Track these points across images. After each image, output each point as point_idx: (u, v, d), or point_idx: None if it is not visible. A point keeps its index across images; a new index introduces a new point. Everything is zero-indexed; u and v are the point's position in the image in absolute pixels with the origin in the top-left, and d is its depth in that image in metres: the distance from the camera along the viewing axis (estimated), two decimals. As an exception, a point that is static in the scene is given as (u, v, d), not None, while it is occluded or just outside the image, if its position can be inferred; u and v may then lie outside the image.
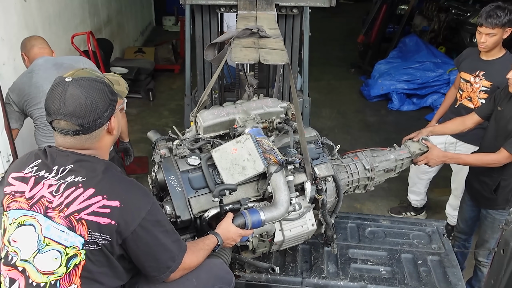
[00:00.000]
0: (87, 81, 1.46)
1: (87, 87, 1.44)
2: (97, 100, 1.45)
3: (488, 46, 2.95)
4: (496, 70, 2.95)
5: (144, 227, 1.44)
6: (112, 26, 6.78)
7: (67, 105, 1.42)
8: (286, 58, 1.82)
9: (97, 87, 1.47)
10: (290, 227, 2.05)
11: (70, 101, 1.42)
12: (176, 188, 1.89)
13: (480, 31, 2.93)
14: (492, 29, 2.86)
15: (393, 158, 2.48)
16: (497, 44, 2.96)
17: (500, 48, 3.02)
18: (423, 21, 7.18)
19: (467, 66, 3.18)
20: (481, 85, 3.06)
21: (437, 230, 2.66)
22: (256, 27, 2.04)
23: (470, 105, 3.15)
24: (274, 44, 1.95)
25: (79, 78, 1.47)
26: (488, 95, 3.00)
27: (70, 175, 1.45)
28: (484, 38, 2.92)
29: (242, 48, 1.88)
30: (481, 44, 2.97)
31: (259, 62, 1.85)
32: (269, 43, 1.96)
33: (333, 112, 6.10)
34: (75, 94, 1.42)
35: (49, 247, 1.42)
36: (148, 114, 5.97)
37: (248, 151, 1.92)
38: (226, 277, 1.79)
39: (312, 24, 3.42)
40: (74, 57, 2.98)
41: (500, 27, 2.85)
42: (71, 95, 1.42)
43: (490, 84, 3.01)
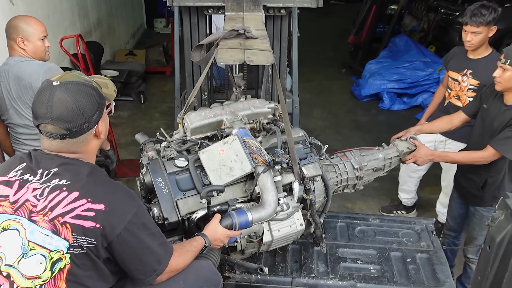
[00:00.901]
0: (75, 85, 1.46)
1: (74, 91, 1.44)
2: (85, 105, 1.45)
3: (474, 45, 2.98)
4: (483, 68, 2.98)
5: (130, 230, 1.44)
6: (103, 28, 6.76)
7: (54, 110, 1.41)
8: (271, 59, 1.82)
9: (84, 91, 1.46)
10: (278, 227, 2.05)
11: (57, 105, 1.41)
12: (163, 190, 1.89)
13: (466, 29, 2.96)
14: (477, 27, 2.89)
15: (381, 157, 2.50)
16: (483, 43, 2.99)
17: (487, 46, 3.05)
18: (413, 20, 7.24)
19: (455, 65, 3.21)
20: (469, 84, 3.09)
21: (426, 228, 2.67)
22: (243, 28, 2.05)
23: (458, 104, 3.18)
24: (260, 44, 1.96)
25: (67, 82, 1.46)
26: (476, 93, 3.03)
27: (55, 178, 1.44)
28: (470, 36, 2.95)
29: (228, 49, 1.89)
30: (467, 42, 3.00)
31: (249, 63, 1.86)
32: (255, 44, 1.97)
33: (325, 112, 6.12)
34: (62, 99, 1.42)
35: (34, 252, 1.41)
36: (139, 117, 5.95)
37: (235, 152, 1.92)
38: (214, 279, 1.79)
39: (303, 25, 3.44)
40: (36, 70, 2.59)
41: (485, 25, 2.88)
42: (58, 100, 1.41)
43: (478, 82, 3.04)
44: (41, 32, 2.68)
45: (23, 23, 2.64)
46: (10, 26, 2.65)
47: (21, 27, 2.62)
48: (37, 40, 2.67)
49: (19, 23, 2.64)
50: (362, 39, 7.17)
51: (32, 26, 2.66)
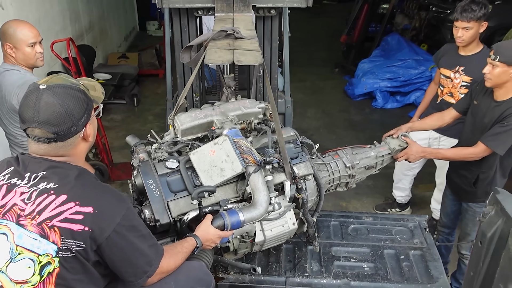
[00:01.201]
0: (62, 88, 1.45)
1: (61, 94, 1.43)
2: (72, 108, 1.44)
3: (465, 41, 3.00)
4: (475, 65, 2.97)
5: (119, 232, 1.43)
6: (95, 32, 6.74)
7: (41, 113, 1.40)
8: (260, 59, 1.83)
9: (72, 94, 1.45)
10: (271, 227, 2.05)
11: (44, 109, 1.40)
12: (155, 192, 1.89)
13: (457, 25, 2.97)
14: (467, 23, 2.90)
15: (373, 155, 2.51)
16: (474, 38, 3.00)
17: (478, 43, 3.07)
18: (404, 19, 7.26)
19: (446, 62, 3.22)
20: (461, 80, 3.10)
21: (419, 225, 2.68)
22: (232, 29, 2.05)
23: (451, 101, 3.19)
24: (249, 45, 1.96)
25: (54, 85, 1.45)
26: (468, 89, 3.03)
27: (42, 182, 1.44)
28: (461, 32, 2.96)
29: (217, 49, 1.89)
30: (458, 38, 3.01)
31: (237, 64, 1.86)
32: (244, 44, 1.97)
33: (318, 112, 6.13)
34: (49, 102, 1.41)
35: (22, 256, 1.40)
36: (132, 120, 5.94)
37: (226, 153, 1.92)
38: (205, 279, 1.79)
39: (295, 25, 3.44)
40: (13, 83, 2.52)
41: (476, 21, 2.90)
42: (45, 103, 1.40)
43: (470, 79, 3.06)
44: (29, 38, 2.55)
45: (11, 29, 2.53)
46: (0, 33, 2.56)
47: (9, 34, 2.52)
48: (25, 46, 2.54)
49: (8, 29, 2.53)
50: (355, 38, 7.19)
51: (20, 32, 2.53)
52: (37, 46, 2.60)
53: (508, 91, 2.47)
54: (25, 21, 2.66)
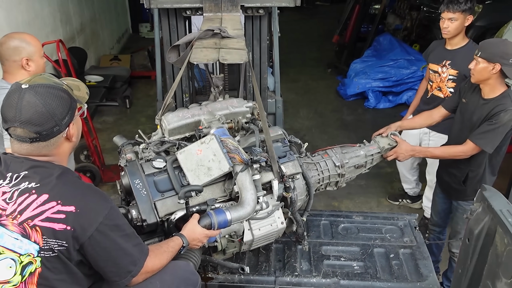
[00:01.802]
0: (44, 88, 1.44)
1: (44, 94, 1.42)
2: (55, 108, 1.43)
3: (450, 32, 3.08)
4: (461, 58, 3.06)
5: (102, 231, 1.42)
6: (86, 34, 6.71)
7: (23, 113, 1.39)
8: (245, 57, 1.83)
9: (54, 94, 1.44)
10: (259, 226, 2.05)
11: (26, 108, 1.39)
12: (142, 191, 1.88)
13: (443, 17, 3.08)
14: (453, 14, 3.00)
15: (363, 154, 2.51)
16: (459, 31, 3.09)
17: (464, 37, 3.16)
18: (396, 19, 7.29)
19: (434, 57, 3.29)
20: (448, 74, 3.17)
21: (409, 223, 2.69)
22: (219, 28, 2.05)
23: (440, 95, 3.26)
24: (235, 44, 1.96)
25: (36, 85, 1.44)
26: (455, 83, 3.13)
27: (24, 181, 1.43)
28: (447, 23, 3.06)
29: (202, 48, 1.88)
30: (444, 30, 3.10)
31: (222, 62, 1.86)
32: (230, 43, 1.97)
33: (311, 112, 6.13)
34: (31, 102, 1.40)
35: (3, 256, 1.39)
36: (125, 122, 5.92)
37: (213, 152, 1.92)
38: (191, 278, 1.78)
39: (288, 26, 3.45)
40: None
41: (461, 13, 3.00)
42: (27, 103, 1.39)
43: (457, 72, 3.12)
44: (41, 49, 2.45)
45: (24, 42, 2.37)
46: (9, 48, 2.36)
47: (22, 47, 2.35)
48: (39, 58, 2.43)
49: (21, 43, 2.36)
50: (347, 38, 7.20)
51: (34, 44, 2.40)
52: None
53: (494, 88, 2.48)
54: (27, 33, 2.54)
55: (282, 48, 3.57)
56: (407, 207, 4.16)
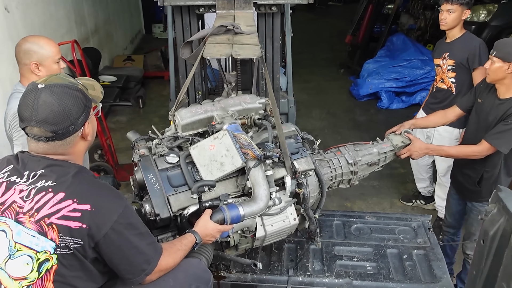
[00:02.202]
0: (60, 88, 1.45)
1: (59, 93, 1.44)
2: (70, 107, 1.45)
3: (447, 24, 3.20)
4: (457, 47, 3.24)
5: (116, 230, 1.44)
6: (100, 35, 6.79)
7: (39, 112, 1.41)
8: (258, 52, 1.83)
9: (70, 94, 1.46)
10: (271, 222, 2.04)
11: (42, 108, 1.41)
12: (155, 186, 1.89)
13: (442, 8, 3.20)
14: (451, 5, 3.13)
15: (376, 152, 2.49)
16: (456, 23, 3.20)
17: (461, 29, 3.27)
18: (410, 19, 7.23)
19: (437, 52, 3.45)
20: (448, 65, 3.30)
21: (422, 224, 2.66)
22: (232, 24, 2.05)
23: (443, 86, 3.39)
24: (249, 39, 1.96)
25: (52, 84, 1.46)
26: (455, 73, 3.25)
27: (41, 179, 1.44)
28: (445, 15, 3.18)
29: (215, 44, 1.89)
30: (442, 21, 3.22)
31: (235, 57, 1.86)
32: (243, 39, 1.97)
33: (323, 113, 6.11)
34: (47, 101, 1.41)
35: (20, 253, 1.41)
36: (138, 122, 5.96)
37: (226, 147, 1.92)
38: (204, 276, 1.78)
39: (301, 26, 3.46)
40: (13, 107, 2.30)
41: (459, 5, 3.12)
42: (43, 102, 1.41)
43: (453, 61, 3.25)
44: (56, 54, 2.41)
45: (36, 46, 2.36)
46: (21, 51, 2.36)
47: (33, 51, 2.34)
48: (52, 63, 2.38)
49: (32, 46, 2.35)
50: (360, 39, 7.17)
51: (47, 48, 2.37)
52: (61, 61, 2.47)
53: (510, 88, 2.45)
54: (44, 36, 2.51)
55: (295, 48, 3.56)
56: (421, 208, 4.11)
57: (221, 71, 2.55)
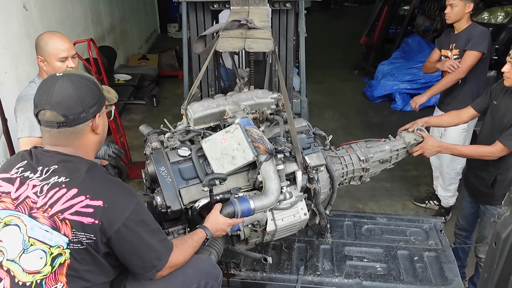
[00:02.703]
0: (77, 77, 1.50)
1: (76, 82, 1.48)
2: (85, 94, 1.48)
3: (451, 17, 3.34)
4: (462, 37, 3.35)
5: (128, 226, 1.45)
6: (116, 34, 6.87)
7: (54, 96, 1.45)
8: (271, 46, 1.83)
9: (86, 84, 1.50)
10: (282, 216, 2.04)
11: (57, 91, 1.45)
12: (167, 179, 1.90)
13: (446, 3, 3.34)
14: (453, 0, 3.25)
15: (388, 149, 2.47)
16: (459, 16, 3.31)
17: (468, 20, 3.37)
18: (426, 20, 7.14)
19: (444, 43, 3.53)
20: (453, 55, 3.41)
21: (434, 226, 2.63)
22: (245, 19, 2.06)
23: None
24: (262, 34, 1.97)
25: (70, 73, 1.51)
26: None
27: (54, 175, 1.46)
28: (448, 9, 3.33)
29: (228, 38, 1.90)
30: (446, 15, 3.37)
31: (248, 50, 1.86)
32: (257, 33, 1.98)
33: (336, 114, 6.08)
34: (63, 86, 1.46)
35: (34, 247, 1.43)
36: (152, 120, 6.00)
37: (237, 141, 1.92)
38: (213, 272, 1.79)
39: (315, 27, 3.46)
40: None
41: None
42: (59, 87, 1.45)
43: (458, 50, 3.36)
44: (60, 52, 2.36)
45: (43, 41, 2.37)
46: (35, 44, 2.43)
47: (40, 46, 2.38)
48: (55, 61, 2.36)
49: (40, 41, 2.39)
50: (374, 40, 7.13)
51: (52, 45, 2.35)
52: (69, 61, 2.40)
53: None
54: (59, 34, 2.47)
55: (309, 49, 3.56)
56: (433, 210, 4.05)
57: (234, 67, 2.56)
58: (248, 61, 2.91)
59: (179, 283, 1.66)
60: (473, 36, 3.26)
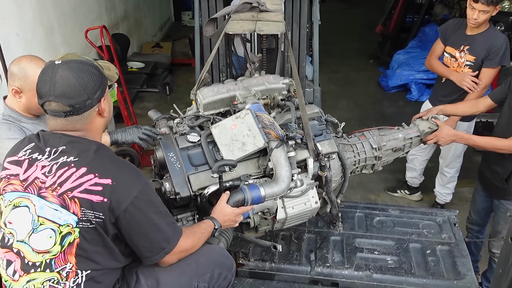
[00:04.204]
0: (76, 64, 1.48)
1: (76, 69, 1.46)
2: (87, 81, 1.47)
3: (479, 23, 2.98)
4: (479, 43, 3.02)
5: (136, 205, 1.44)
6: (130, 21, 6.85)
7: (57, 87, 1.43)
8: (282, 28, 1.79)
9: (86, 69, 1.48)
10: (292, 204, 2.01)
11: (60, 82, 1.43)
12: (175, 165, 1.89)
13: (474, 7, 2.93)
14: (487, 6, 2.89)
15: (401, 137, 2.41)
16: (486, 21, 3.01)
17: (487, 23, 3.06)
18: (444, 9, 6.95)
19: (453, 40, 3.20)
20: (466, 60, 3.10)
21: (448, 219, 2.58)
22: (256, 1, 2.01)
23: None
24: (273, 17, 1.93)
25: (69, 60, 1.49)
26: (472, 69, 3.07)
27: (62, 155, 1.47)
28: (477, 14, 2.94)
29: (239, 20, 1.86)
30: (472, 20, 2.97)
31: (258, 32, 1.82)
32: (268, 16, 1.95)
33: (350, 104, 6.00)
34: (64, 76, 1.44)
35: (44, 226, 1.44)
36: (164, 108, 5.94)
37: (248, 127, 1.89)
38: (226, 263, 1.79)
39: (330, 15, 3.39)
40: None
41: (494, 5, 2.90)
42: (60, 77, 1.44)
43: (474, 58, 3.06)
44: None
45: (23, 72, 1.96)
46: (10, 70, 2.02)
47: (18, 77, 1.97)
48: (33, 96, 1.65)
49: (18, 71, 1.97)
50: (391, 29, 6.98)
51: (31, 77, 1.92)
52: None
53: None
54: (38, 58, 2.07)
55: (323, 38, 3.50)
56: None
57: (246, 55, 2.51)
58: (260, 48, 2.86)
59: (192, 271, 1.65)
60: (494, 46, 2.96)
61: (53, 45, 4.23)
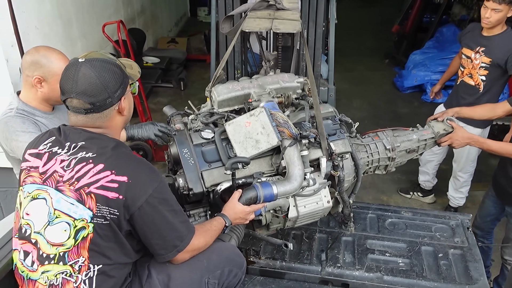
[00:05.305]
0: (99, 62, 1.51)
1: (98, 67, 1.49)
2: (108, 80, 1.49)
3: (491, 22, 2.94)
4: (495, 46, 2.98)
5: (151, 203, 1.46)
6: (146, 16, 6.89)
7: (79, 84, 1.46)
8: (298, 27, 1.78)
9: (108, 68, 1.51)
10: (304, 203, 2.01)
11: (82, 80, 1.46)
12: (189, 161, 1.90)
13: (487, 5, 2.92)
14: (498, 5, 2.85)
15: (415, 138, 2.39)
16: (500, 22, 2.96)
17: (503, 25, 3.01)
18: (462, 9, 6.85)
19: (469, 41, 3.18)
20: (481, 61, 3.06)
21: (461, 223, 2.55)
22: (274, 0, 2.01)
23: (471, 82, 3.17)
24: (290, 15, 1.92)
25: (92, 59, 1.52)
26: (487, 71, 3.03)
27: (81, 151, 1.49)
28: (489, 13, 2.91)
29: (256, 18, 1.86)
30: (485, 19, 2.95)
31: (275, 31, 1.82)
32: (284, 14, 1.95)
33: (364, 103, 5.96)
34: (87, 74, 1.47)
35: (59, 219, 1.46)
36: (178, 103, 6.02)
37: (261, 125, 1.89)
38: (237, 260, 1.80)
39: (347, 13, 3.37)
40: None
41: (507, 4, 2.85)
42: (83, 75, 1.46)
43: (490, 60, 3.01)
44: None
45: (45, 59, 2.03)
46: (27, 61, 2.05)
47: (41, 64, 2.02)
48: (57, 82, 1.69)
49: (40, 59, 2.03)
50: (407, 28, 6.91)
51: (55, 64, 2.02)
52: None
53: None
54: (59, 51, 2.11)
55: (338, 36, 3.47)
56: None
57: (262, 52, 2.51)
58: (276, 46, 2.85)
59: (203, 268, 1.66)
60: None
61: (71, 39, 4.27)
